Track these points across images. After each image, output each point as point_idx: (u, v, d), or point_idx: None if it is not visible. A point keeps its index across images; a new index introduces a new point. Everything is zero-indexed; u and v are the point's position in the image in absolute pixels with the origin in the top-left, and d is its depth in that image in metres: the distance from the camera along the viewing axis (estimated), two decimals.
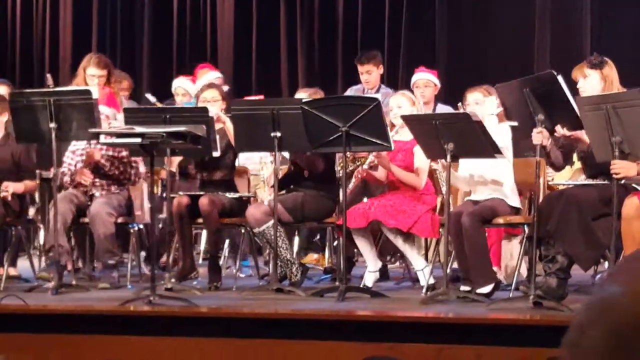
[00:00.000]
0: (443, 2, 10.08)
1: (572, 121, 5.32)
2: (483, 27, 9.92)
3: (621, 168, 5.04)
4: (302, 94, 7.14)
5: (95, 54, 7.55)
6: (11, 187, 6.69)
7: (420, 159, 6.27)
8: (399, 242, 6.26)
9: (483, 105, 6.16)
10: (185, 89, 8.22)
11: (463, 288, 5.75)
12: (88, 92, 6.26)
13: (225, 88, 8.01)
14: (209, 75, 8.21)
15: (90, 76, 7.06)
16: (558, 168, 5.86)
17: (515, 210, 6.00)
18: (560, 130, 5.39)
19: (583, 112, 5.16)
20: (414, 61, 9.88)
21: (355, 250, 6.65)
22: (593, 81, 5.59)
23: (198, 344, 4.72)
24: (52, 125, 6.15)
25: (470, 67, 9.47)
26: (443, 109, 7.43)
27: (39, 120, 6.21)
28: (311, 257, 7.95)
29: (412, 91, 7.32)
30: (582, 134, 5.46)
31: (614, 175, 5.04)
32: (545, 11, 9.77)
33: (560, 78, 5.26)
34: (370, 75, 8.02)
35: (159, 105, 8.03)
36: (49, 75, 7.82)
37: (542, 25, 9.73)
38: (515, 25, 9.78)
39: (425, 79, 7.53)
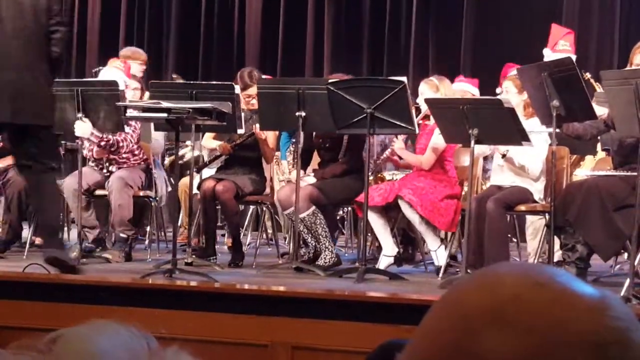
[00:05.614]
0: None
1: (585, 109, 5.30)
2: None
3: None
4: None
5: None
6: None
7: (436, 139, 6.23)
8: (416, 219, 6.18)
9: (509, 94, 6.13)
10: None
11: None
12: (115, 84, 6.27)
13: None
14: None
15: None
16: (589, 139, 5.85)
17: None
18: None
19: (608, 87, 5.13)
20: (442, 49, 9.92)
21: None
22: None
23: (214, 319, 4.73)
24: (79, 115, 6.17)
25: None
26: None
27: (67, 110, 6.20)
28: None
29: None
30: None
31: None
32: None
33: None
34: None
35: None
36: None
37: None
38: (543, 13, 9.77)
39: (462, 90, 7.20)
